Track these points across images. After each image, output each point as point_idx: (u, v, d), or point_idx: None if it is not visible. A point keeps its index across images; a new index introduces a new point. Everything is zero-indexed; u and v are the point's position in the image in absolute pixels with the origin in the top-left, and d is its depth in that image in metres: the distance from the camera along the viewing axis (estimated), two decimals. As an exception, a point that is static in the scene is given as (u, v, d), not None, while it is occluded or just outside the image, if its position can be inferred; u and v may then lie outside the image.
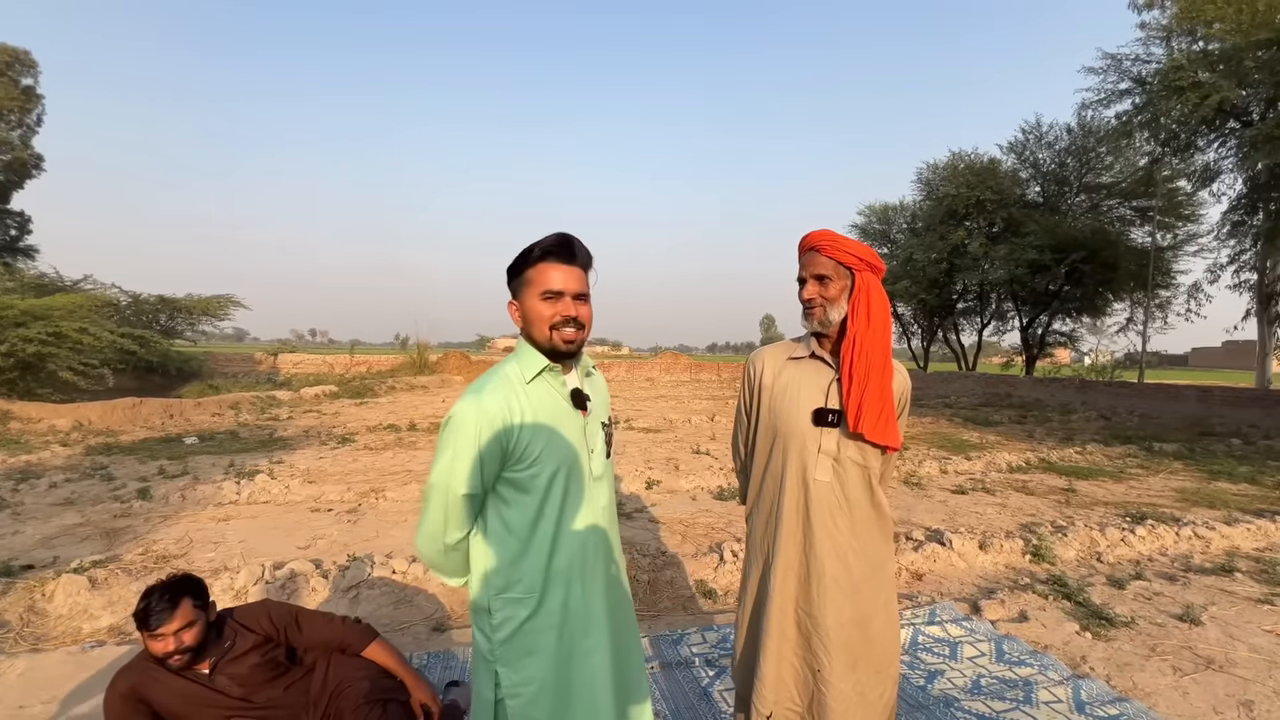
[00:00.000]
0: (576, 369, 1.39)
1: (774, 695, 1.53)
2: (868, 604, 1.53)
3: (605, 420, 1.43)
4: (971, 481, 6.56)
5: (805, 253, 1.57)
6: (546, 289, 1.25)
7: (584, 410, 1.35)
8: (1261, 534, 4.66)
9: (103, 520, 4.65)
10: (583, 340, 1.31)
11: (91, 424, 9.51)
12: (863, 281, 1.52)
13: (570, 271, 1.26)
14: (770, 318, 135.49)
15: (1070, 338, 24.55)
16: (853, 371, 1.48)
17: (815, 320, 1.54)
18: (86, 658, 2.64)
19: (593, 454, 1.35)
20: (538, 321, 1.26)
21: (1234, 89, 11.93)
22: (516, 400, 1.25)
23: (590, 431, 1.35)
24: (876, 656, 1.53)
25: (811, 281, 1.54)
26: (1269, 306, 15.63)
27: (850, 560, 1.52)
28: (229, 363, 23.64)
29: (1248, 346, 61.93)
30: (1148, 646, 2.88)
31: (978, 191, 21.31)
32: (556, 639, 1.27)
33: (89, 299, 14.48)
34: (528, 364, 1.29)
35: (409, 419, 11.05)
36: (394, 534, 4.48)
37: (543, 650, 1.26)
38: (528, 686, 1.25)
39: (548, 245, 1.26)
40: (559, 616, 1.27)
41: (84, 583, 3.24)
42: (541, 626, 1.26)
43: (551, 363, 1.30)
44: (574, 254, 1.27)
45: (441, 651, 2.76)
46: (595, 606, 1.32)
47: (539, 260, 1.26)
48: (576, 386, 1.36)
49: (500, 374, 1.28)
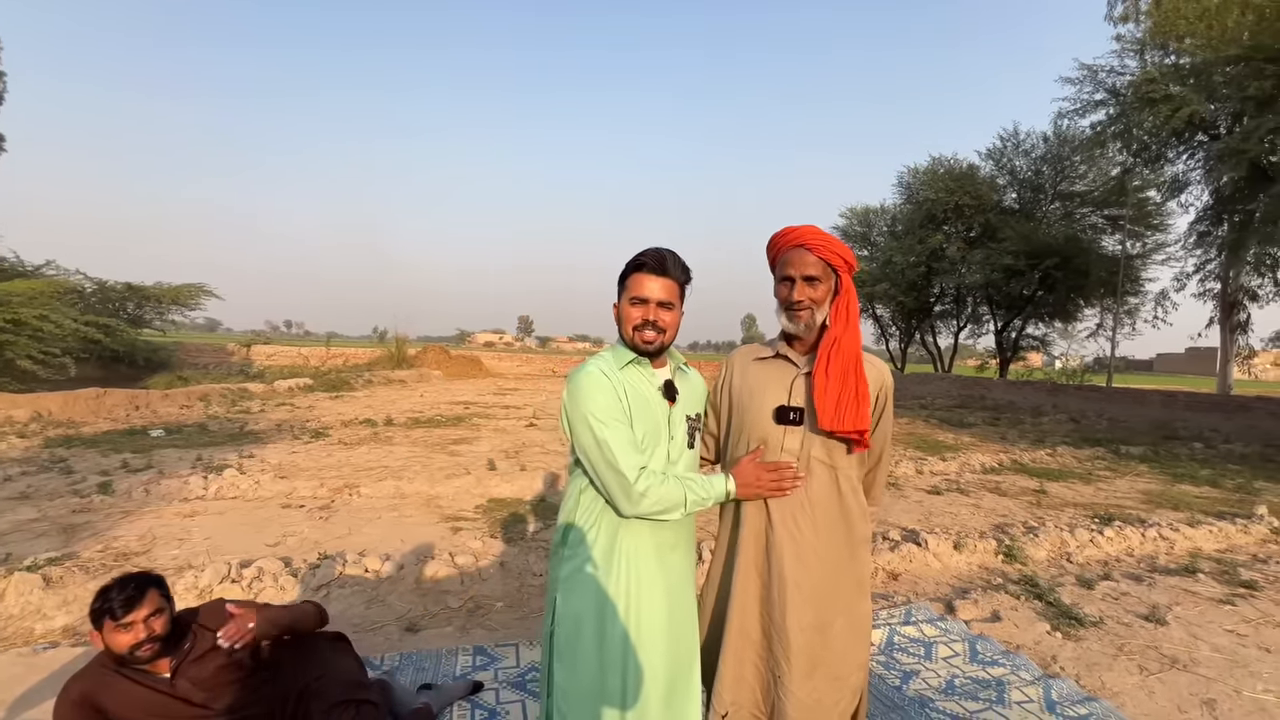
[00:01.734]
0: (670, 364, 1.54)
1: (732, 695, 1.51)
2: (828, 609, 1.48)
3: (692, 414, 1.54)
4: (946, 482, 6.67)
5: (790, 249, 1.50)
6: (636, 295, 1.43)
7: (672, 401, 1.49)
8: (1223, 536, 4.80)
9: (60, 515, 4.47)
10: (663, 343, 1.45)
11: (52, 415, 9.16)
12: (846, 283, 1.50)
13: (660, 282, 1.42)
14: (751, 317, 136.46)
15: (1042, 342, 25.12)
16: (830, 371, 1.44)
17: (802, 323, 1.49)
18: (38, 660, 2.52)
19: (673, 440, 1.47)
20: (625, 322, 1.45)
21: (1203, 103, 12.29)
22: (614, 374, 1.43)
23: (674, 420, 1.49)
24: (834, 663, 1.48)
25: (802, 283, 1.47)
26: (1231, 315, 16.18)
27: (811, 563, 1.47)
28: (200, 354, 23.04)
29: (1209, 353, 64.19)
30: (1115, 646, 2.94)
31: (956, 196, 21.69)
32: (609, 584, 1.39)
33: (50, 285, 13.96)
34: (619, 355, 1.47)
35: (386, 414, 10.87)
36: (367, 531, 4.38)
37: (594, 590, 1.38)
38: (571, 620, 1.38)
39: (644, 258, 1.43)
40: (618, 566, 1.39)
41: (37, 581, 3.10)
42: (599, 570, 1.39)
43: (639, 356, 1.45)
44: (665, 267, 1.43)
45: (414, 653, 2.70)
46: (652, 570, 1.42)
47: (634, 270, 1.44)
48: (669, 379, 1.51)
49: (599, 357, 1.48)
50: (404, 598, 3.25)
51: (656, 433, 1.44)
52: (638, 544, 1.41)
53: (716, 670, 1.52)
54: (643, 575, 1.41)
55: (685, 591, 1.50)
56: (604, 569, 1.39)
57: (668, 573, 1.45)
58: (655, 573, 1.42)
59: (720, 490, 1.44)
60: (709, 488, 1.43)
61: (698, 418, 1.56)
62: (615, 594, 1.38)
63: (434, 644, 2.80)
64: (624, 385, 1.42)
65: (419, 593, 3.31)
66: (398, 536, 4.28)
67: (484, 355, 30.92)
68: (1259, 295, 16.33)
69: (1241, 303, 16.33)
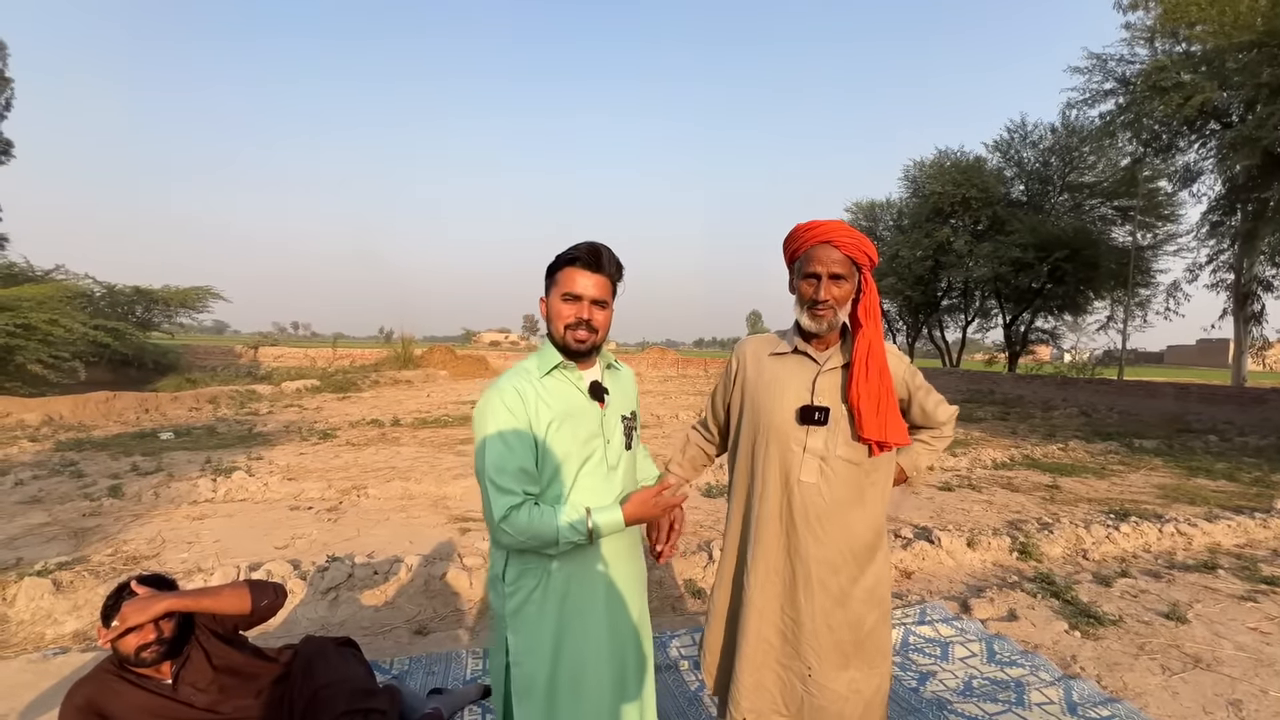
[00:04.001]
0: (598, 364, 1.46)
1: (751, 702, 1.47)
2: (859, 607, 1.47)
3: (626, 414, 1.48)
4: (958, 478, 6.59)
5: (816, 245, 1.43)
6: (568, 291, 1.34)
7: (601, 403, 1.42)
8: (1242, 531, 4.72)
9: (70, 519, 4.49)
10: (595, 342, 1.38)
11: (62, 418, 9.22)
12: (868, 280, 1.45)
13: (594, 279, 1.35)
14: (757, 313, 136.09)
15: (1052, 335, 24.91)
16: (869, 376, 1.39)
17: (825, 322, 1.43)
18: (49, 665, 2.51)
19: (609, 445, 1.41)
20: (556, 319, 1.36)
21: (1215, 90, 12.10)
22: (532, 389, 1.34)
23: (608, 424, 1.42)
24: (869, 653, 1.48)
25: (829, 281, 1.40)
26: (1245, 306, 15.95)
27: (838, 565, 1.45)
28: (208, 356, 23.18)
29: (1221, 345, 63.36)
30: (1136, 645, 2.88)
31: (963, 189, 21.49)
32: (559, 613, 1.35)
33: (60, 289, 14.07)
34: (544, 359, 1.38)
35: (393, 414, 10.88)
36: (376, 533, 4.37)
37: (547, 621, 1.34)
38: (531, 654, 1.34)
39: (577, 252, 1.35)
40: (563, 591, 1.35)
41: (48, 585, 3.10)
42: (548, 598, 1.34)
43: (566, 359, 1.37)
44: (600, 263, 1.35)
45: (424, 656, 2.67)
46: (598, 586, 1.39)
47: (567, 265, 1.35)
48: (596, 380, 1.43)
49: (519, 368, 1.39)
50: (413, 600, 3.23)
51: (591, 439, 1.37)
52: (582, 570, 1.36)
53: (733, 677, 1.49)
54: (585, 602, 1.37)
55: (631, 603, 1.46)
56: (550, 601, 1.34)
57: (611, 591, 1.41)
58: (600, 595, 1.39)
59: (612, 519, 1.32)
60: (604, 516, 1.31)
61: (633, 415, 1.50)
62: (564, 626, 1.34)
63: (444, 647, 2.78)
64: (546, 398, 1.33)
65: (428, 595, 3.29)
66: (406, 538, 4.26)
67: (489, 354, 31.00)
68: (1273, 285, 16.11)
69: (1255, 293, 16.10)
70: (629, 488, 1.46)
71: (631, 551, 1.49)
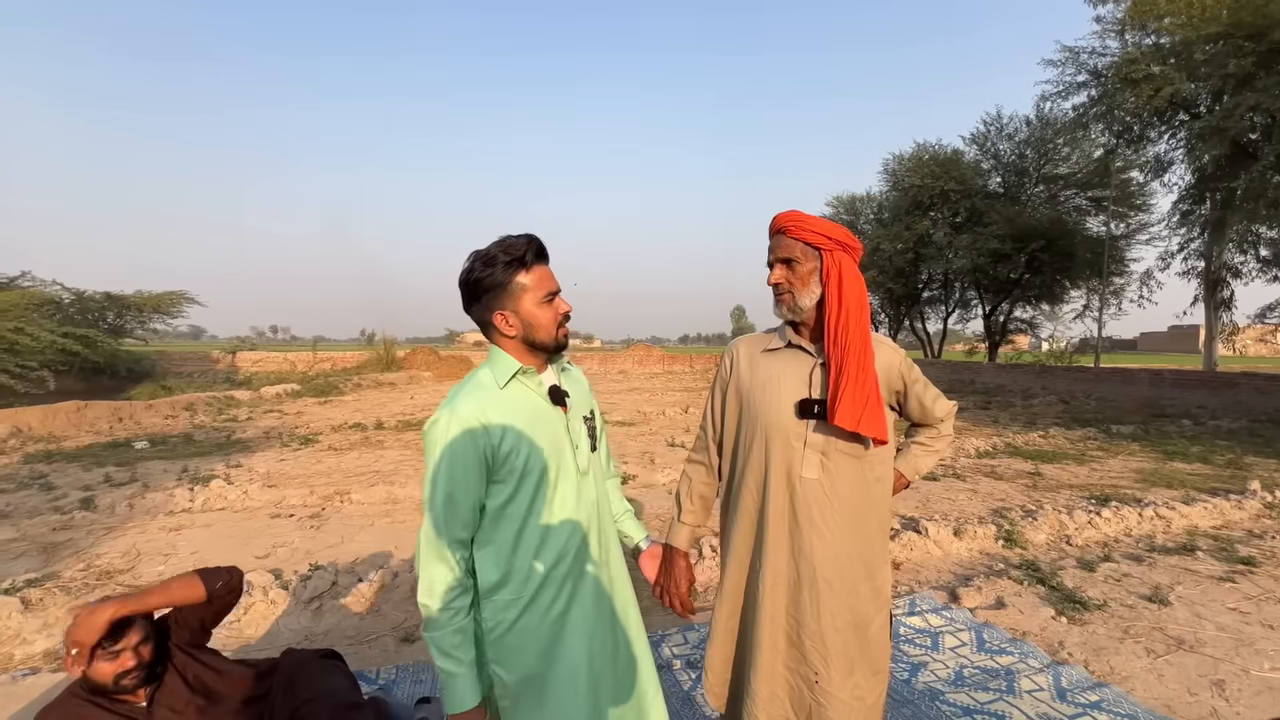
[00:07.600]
0: (551, 366, 1.38)
1: (766, 714, 1.45)
2: (866, 606, 1.44)
3: (587, 414, 1.42)
4: (942, 468, 6.66)
5: (772, 236, 1.47)
6: (549, 291, 1.28)
7: (563, 406, 1.34)
8: (1218, 512, 4.82)
9: (40, 534, 4.34)
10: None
11: (31, 430, 8.94)
12: (832, 262, 1.41)
13: (550, 269, 1.30)
14: (741, 308, 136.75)
15: (1030, 324, 25.34)
16: (830, 358, 1.38)
17: (785, 307, 1.44)
18: (17, 687, 2.41)
19: (577, 450, 1.34)
20: (546, 324, 1.28)
21: (1184, 82, 12.35)
22: (492, 405, 1.23)
23: (573, 427, 1.35)
24: (874, 658, 1.45)
25: (778, 266, 1.43)
26: (1215, 292, 16.37)
27: (844, 563, 1.42)
28: (184, 362, 22.63)
29: (1192, 331, 64.94)
30: (1121, 629, 2.92)
31: (941, 182, 21.75)
32: (546, 639, 1.27)
33: (25, 296, 13.66)
34: (500, 369, 1.28)
35: (376, 417, 10.72)
36: (360, 539, 4.29)
37: (531, 649, 1.26)
38: (519, 686, 1.26)
39: (535, 249, 1.26)
40: (546, 616, 1.27)
41: (16, 604, 2.99)
42: (530, 626, 1.26)
43: (524, 365, 1.29)
44: (547, 253, 1.30)
45: (411, 664, 2.62)
46: (584, 605, 1.32)
47: (534, 265, 1.26)
48: (554, 384, 1.35)
49: (474, 381, 1.27)
50: (399, 607, 3.17)
51: (559, 447, 1.29)
52: (572, 586, 1.30)
53: (747, 691, 1.45)
54: (577, 621, 1.30)
55: (626, 612, 1.41)
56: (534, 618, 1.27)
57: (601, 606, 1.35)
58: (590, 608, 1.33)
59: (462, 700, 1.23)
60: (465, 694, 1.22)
61: (593, 415, 1.45)
62: (554, 640, 1.28)
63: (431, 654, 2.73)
64: (510, 412, 1.23)
65: (414, 600, 3.23)
66: (391, 543, 4.19)
67: (474, 355, 30.73)
68: (1242, 272, 16.55)
69: (1225, 280, 16.54)
70: (602, 490, 1.42)
71: (614, 569, 1.42)
